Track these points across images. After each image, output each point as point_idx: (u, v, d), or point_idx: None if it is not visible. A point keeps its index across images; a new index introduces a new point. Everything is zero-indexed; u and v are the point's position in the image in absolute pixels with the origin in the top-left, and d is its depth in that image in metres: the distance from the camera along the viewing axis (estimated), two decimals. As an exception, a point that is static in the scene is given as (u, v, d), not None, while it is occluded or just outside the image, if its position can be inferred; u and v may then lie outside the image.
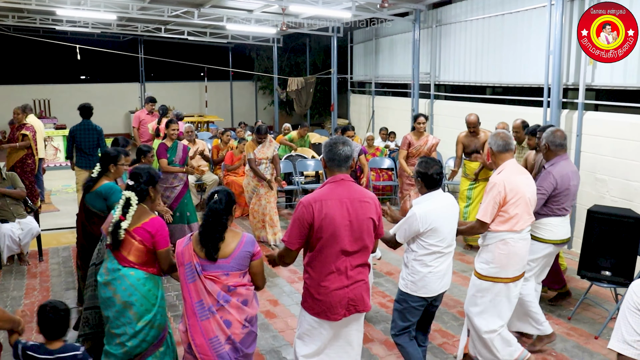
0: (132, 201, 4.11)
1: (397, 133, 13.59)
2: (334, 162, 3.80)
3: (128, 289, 4.04)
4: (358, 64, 17.86)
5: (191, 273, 3.70)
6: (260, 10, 14.64)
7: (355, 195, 3.78)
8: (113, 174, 5.38)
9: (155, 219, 4.17)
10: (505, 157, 4.78)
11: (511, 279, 4.69)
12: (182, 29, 18.48)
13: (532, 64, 9.83)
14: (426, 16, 13.17)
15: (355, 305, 3.84)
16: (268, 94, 23.17)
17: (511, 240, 4.62)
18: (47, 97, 20.61)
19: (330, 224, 3.66)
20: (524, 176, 4.78)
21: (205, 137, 14.31)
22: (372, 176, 11.13)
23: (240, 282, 3.74)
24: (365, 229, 3.78)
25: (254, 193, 8.87)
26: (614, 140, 7.96)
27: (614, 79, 8.21)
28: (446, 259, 4.41)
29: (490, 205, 4.60)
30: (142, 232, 4.07)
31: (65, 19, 17.05)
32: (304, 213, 3.69)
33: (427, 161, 4.44)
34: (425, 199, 4.38)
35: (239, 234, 3.79)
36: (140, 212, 4.14)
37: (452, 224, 4.41)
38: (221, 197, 3.73)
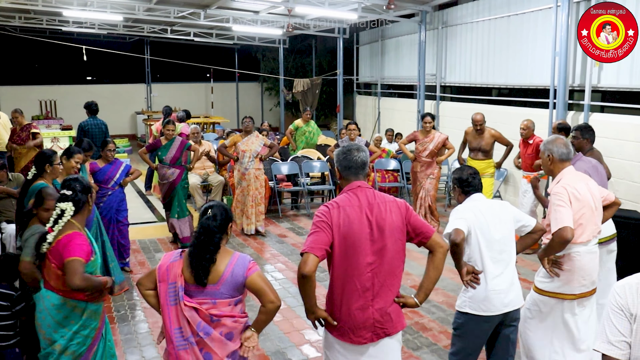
0: (67, 212, 3.71)
1: (404, 134, 13.57)
2: (350, 171, 3.43)
3: (43, 311, 3.70)
4: (364, 65, 17.86)
5: (174, 295, 3.23)
6: (267, 11, 14.66)
7: (375, 200, 3.36)
8: (49, 174, 5.19)
9: (74, 234, 3.69)
10: (564, 166, 4.32)
11: (577, 295, 4.23)
12: (188, 30, 18.51)
13: (538, 66, 9.81)
14: (432, 17, 13.16)
15: (383, 328, 3.33)
16: (274, 95, 23.17)
17: (576, 255, 4.17)
18: (53, 98, 20.68)
19: (348, 233, 3.25)
20: (587, 182, 4.34)
21: (211, 138, 14.31)
22: (377, 177, 11.12)
23: (227, 313, 3.25)
24: (388, 237, 3.30)
25: (239, 185, 9.22)
26: (619, 142, 7.94)
27: (620, 80, 8.20)
28: (505, 269, 3.91)
29: (564, 210, 4.05)
30: (54, 252, 3.64)
31: (71, 20, 17.10)
32: (321, 220, 3.28)
33: (461, 167, 4.21)
34: (464, 203, 4.07)
35: (229, 253, 3.29)
36: (65, 227, 3.71)
37: (502, 226, 3.93)
38: (215, 213, 3.26)
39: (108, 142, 7.45)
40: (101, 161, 7.39)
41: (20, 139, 10.23)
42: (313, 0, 12.14)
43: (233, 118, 22.93)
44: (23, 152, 10.20)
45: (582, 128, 6.35)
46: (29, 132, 10.32)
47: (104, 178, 7.32)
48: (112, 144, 7.46)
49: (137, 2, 13.91)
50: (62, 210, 3.70)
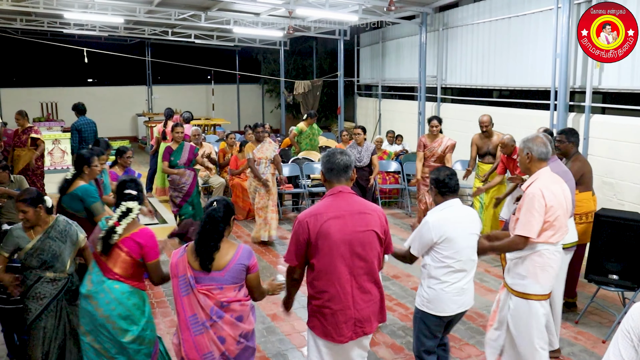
0: (134, 211, 4.05)
1: (404, 136, 13.58)
2: (332, 173, 3.58)
3: (112, 302, 3.92)
4: (365, 67, 17.87)
5: (185, 286, 3.55)
6: (267, 13, 14.68)
7: (355, 208, 3.54)
8: (87, 175, 5.43)
9: (144, 230, 4.06)
10: (542, 165, 4.36)
11: (547, 295, 4.34)
12: (189, 32, 18.53)
13: (538, 67, 9.81)
14: (433, 19, 13.16)
15: (362, 327, 3.58)
16: (275, 97, 23.19)
17: (546, 252, 4.25)
18: (54, 100, 20.65)
19: (326, 239, 3.44)
20: (561, 185, 4.39)
21: (212, 140, 14.33)
22: (378, 179, 11.11)
23: (234, 298, 3.58)
24: (367, 243, 3.51)
25: (256, 193, 8.94)
26: (621, 144, 7.93)
27: (621, 81, 8.19)
28: (465, 276, 4.15)
29: (534, 219, 4.15)
30: (130, 242, 3.96)
31: (72, 22, 17.11)
32: (298, 229, 3.52)
33: (439, 168, 4.28)
34: (439, 208, 4.18)
35: (234, 246, 3.63)
36: (132, 222, 4.05)
37: (470, 237, 4.17)
38: (220, 206, 3.59)
39: (126, 149, 7.48)
40: (118, 169, 7.40)
41: (20, 142, 10.24)
42: (314, 2, 12.15)
43: (234, 120, 22.95)
44: (22, 154, 10.21)
45: (567, 132, 6.31)
46: (29, 135, 10.33)
47: None
48: (130, 151, 7.52)
49: (138, 4, 13.93)
50: (128, 208, 4.04)
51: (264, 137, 8.96)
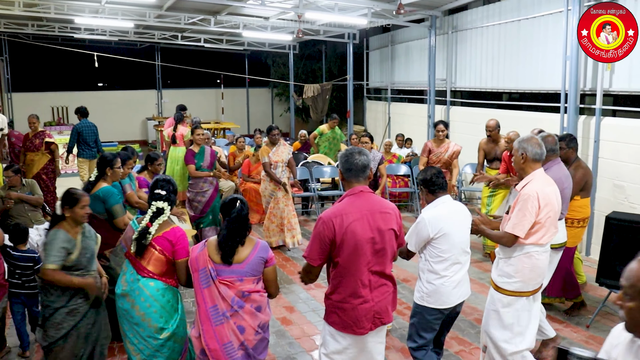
0: (166, 211, 4.15)
1: (414, 139, 13.57)
2: (351, 173, 3.68)
3: (147, 299, 4.01)
4: (374, 70, 17.87)
5: (205, 278, 3.73)
6: (277, 17, 14.71)
7: (376, 207, 3.68)
8: (110, 177, 5.50)
9: (176, 229, 4.16)
10: (536, 167, 4.40)
11: (532, 292, 4.43)
12: (199, 36, 18.59)
13: (548, 70, 9.78)
14: (442, 22, 13.16)
15: (380, 318, 3.75)
16: (284, 101, 23.23)
17: (535, 253, 4.34)
18: (65, 104, 20.83)
19: (352, 238, 3.55)
20: (553, 187, 4.45)
21: (222, 144, 14.36)
22: (388, 183, 11.10)
23: (254, 289, 3.76)
24: (387, 241, 3.68)
25: (272, 197, 8.83)
26: (632, 146, 7.89)
27: (632, 84, 8.15)
28: (461, 268, 4.34)
29: (526, 219, 4.23)
30: (162, 241, 4.06)
31: (83, 27, 17.23)
32: (324, 229, 3.58)
33: (427, 168, 4.47)
34: (433, 205, 4.35)
35: (253, 240, 3.84)
36: (164, 222, 4.15)
37: (464, 230, 4.36)
38: (242, 204, 3.81)
39: (158, 156, 7.51)
40: (148, 175, 7.40)
41: (34, 146, 10.29)
42: (323, 6, 12.17)
43: (243, 124, 22.99)
44: (36, 158, 10.26)
45: (567, 138, 6.29)
46: (43, 139, 10.38)
47: None
48: (160, 158, 7.53)
49: (148, 9, 14.00)
50: (158, 208, 4.14)
51: (278, 139, 8.86)
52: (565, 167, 5.60)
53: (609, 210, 7.27)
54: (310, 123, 21.93)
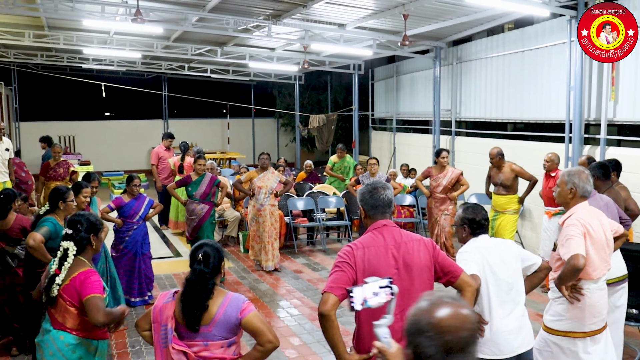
0: (70, 252, 3.66)
1: (419, 169, 13.55)
2: (377, 210, 3.33)
3: (55, 354, 3.60)
4: (379, 100, 17.96)
5: (165, 337, 3.18)
6: (283, 48, 14.87)
7: (401, 239, 3.27)
8: (63, 211, 5.15)
9: (88, 272, 3.65)
10: (582, 201, 4.19)
11: (588, 333, 4.09)
12: (205, 66, 18.77)
13: (553, 100, 9.82)
14: (446, 53, 13.25)
15: None
16: (290, 131, 23.32)
17: (587, 291, 4.02)
18: (72, 134, 20.97)
19: (374, 272, 3.06)
20: (600, 218, 4.19)
21: (227, 174, 14.40)
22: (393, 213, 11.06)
23: (219, 355, 3.17)
24: (415, 277, 3.20)
25: (254, 221, 9.12)
26: (637, 176, 7.87)
27: (636, 114, 8.17)
28: (513, 310, 3.76)
29: (578, 239, 3.91)
30: (70, 290, 3.59)
31: (91, 57, 17.44)
32: (344, 256, 3.18)
33: (474, 207, 3.98)
34: (469, 244, 3.90)
35: (222, 294, 3.23)
36: (75, 265, 3.66)
37: (509, 264, 3.79)
38: (207, 256, 3.22)
39: (134, 177, 7.53)
40: (126, 196, 7.47)
41: (58, 175, 10.27)
42: (328, 38, 12.29)
43: (249, 154, 23.08)
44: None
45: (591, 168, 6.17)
46: (68, 168, 10.41)
47: (130, 213, 7.40)
48: (137, 179, 7.55)
49: (155, 40, 14.19)
50: (65, 249, 3.68)
51: (267, 165, 9.18)
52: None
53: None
54: (316, 153, 22.00)
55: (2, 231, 5.67)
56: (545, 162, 7.86)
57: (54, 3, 9.87)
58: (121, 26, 11.88)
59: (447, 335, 1.74)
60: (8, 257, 5.71)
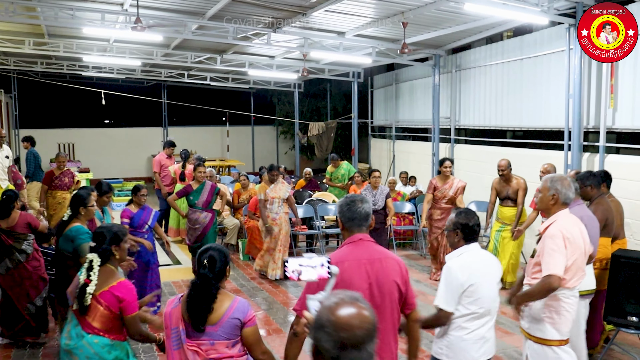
0: (94, 264, 3.87)
1: (418, 177, 13.57)
2: (354, 222, 3.37)
3: (92, 357, 3.77)
4: (378, 108, 17.98)
5: (177, 339, 3.33)
6: (282, 56, 14.91)
7: (376, 256, 3.31)
8: (84, 216, 5.38)
9: (124, 283, 3.92)
10: (563, 208, 4.23)
11: (559, 342, 4.16)
12: (205, 74, 18.80)
13: (552, 108, 9.84)
14: (446, 61, 13.28)
15: None
16: (289, 139, 23.34)
17: (563, 296, 4.09)
18: (71, 141, 20.96)
19: (348, 288, 2.90)
20: (580, 227, 4.24)
21: (226, 182, 14.41)
22: (393, 221, 11.05)
23: (226, 354, 3.32)
24: (387, 294, 3.25)
25: (269, 233, 9.05)
26: (636, 183, 7.88)
27: (635, 121, 8.18)
28: (486, 323, 3.84)
29: (560, 256, 3.96)
30: (109, 296, 3.81)
31: (91, 65, 17.48)
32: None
33: (467, 212, 3.96)
34: (458, 252, 3.90)
35: (229, 298, 3.39)
36: (106, 274, 3.89)
37: (491, 282, 3.85)
38: (213, 262, 3.36)
39: (141, 187, 7.55)
40: (134, 206, 7.45)
41: (64, 184, 10.19)
42: (328, 45, 12.32)
43: (248, 161, 23.08)
44: (67, 196, 9.86)
45: (584, 176, 6.09)
46: (73, 178, 10.35)
47: (139, 223, 7.38)
48: (144, 189, 7.58)
49: (155, 48, 14.22)
50: (90, 260, 3.89)
51: (277, 179, 9.09)
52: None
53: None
54: (315, 161, 22.00)
55: (9, 228, 6.20)
56: (542, 172, 7.66)
57: (54, 11, 9.90)
58: (121, 34, 11.92)
59: (343, 333, 1.87)
60: (17, 253, 6.17)
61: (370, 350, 1.91)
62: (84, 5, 10.05)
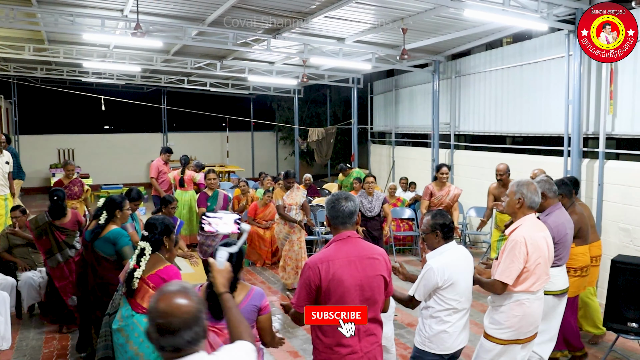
0: (146, 251, 4.15)
1: (418, 183, 13.57)
2: (338, 220, 3.55)
3: (140, 334, 4.00)
4: (378, 114, 17.99)
5: None
6: (282, 62, 14.93)
7: (364, 253, 3.51)
8: (119, 219, 5.57)
9: (170, 267, 4.18)
10: (529, 213, 4.36)
11: (523, 340, 4.33)
12: (205, 80, 18.83)
13: (551, 114, 9.84)
14: (445, 67, 13.30)
15: None
16: (289, 144, 23.36)
17: (527, 301, 4.25)
18: (71, 147, 20.98)
19: (339, 285, 3.38)
20: (544, 233, 4.39)
21: (226, 187, 14.40)
22: (392, 226, 11.06)
23: None
24: (375, 287, 3.50)
25: (287, 240, 8.90)
26: (636, 189, 7.88)
27: (634, 127, 8.18)
28: (464, 315, 4.16)
29: (514, 265, 4.17)
30: (156, 279, 4.08)
31: (91, 70, 17.51)
32: (310, 275, 3.41)
33: (441, 212, 4.23)
34: (439, 251, 4.14)
35: (247, 287, 3.68)
36: (155, 260, 4.16)
37: (468, 277, 4.17)
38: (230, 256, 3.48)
39: (171, 200, 7.75)
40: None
41: (74, 193, 10.16)
42: (327, 51, 12.34)
43: (248, 167, 23.10)
44: (78, 205, 9.95)
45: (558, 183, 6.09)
46: (82, 187, 10.34)
47: None
48: (175, 201, 7.83)
49: (155, 54, 14.24)
50: (141, 248, 4.17)
51: (293, 184, 9.00)
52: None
53: (614, 254, 7.21)
54: (315, 167, 22.03)
55: (62, 225, 6.74)
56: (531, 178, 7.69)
57: (54, 17, 9.93)
58: (121, 40, 11.94)
59: (159, 319, 2.12)
60: (67, 249, 6.70)
61: (187, 337, 2.13)
62: (84, 11, 10.07)
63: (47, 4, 9.88)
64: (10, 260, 7.55)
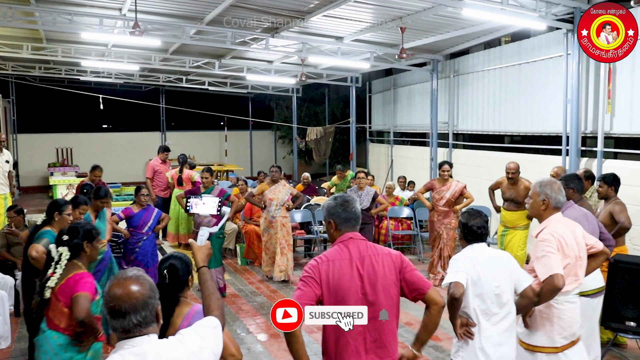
0: (63, 257, 3.83)
1: (416, 182, 13.57)
2: (349, 223, 3.31)
3: (48, 352, 3.73)
4: (376, 113, 17.99)
5: None
6: (280, 61, 14.92)
7: (366, 253, 3.24)
8: (57, 223, 5.01)
9: (83, 274, 3.83)
10: (555, 213, 4.14)
11: (559, 348, 4.03)
12: (203, 79, 18.81)
13: (550, 113, 9.85)
14: (444, 66, 13.31)
15: None
16: (287, 143, 23.35)
17: (555, 303, 3.97)
18: (69, 146, 20.95)
19: (338, 286, 3.14)
20: (574, 229, 4.13)
21: (224, 186, 14.39)
22: (391, 225, 11.06)
23: None
24: (381, 290, 3.18)
25: (266, 232, 9.24)
26: (634, 188, 7.89)
27: (632, 127, 8.19)
28: (501, 322, 3.76)
29: (554, 255, 3.86)
30: (64, 289, 3.74)
31: (89, 69, 17.49)
32: (309, 276, 3.17)
33: (470, 212, 3.97)
34: (463, 251, 3.90)
35: (187, 305, 3.27)
36: (69, 268, 3.83)
37: (502, 277, 3.76)
38: (173, 272, 3.28)
39: (141, 187, 7.65)
40: (135, 206, 7.50)
41: None
42: (326, 50, 12.33)
43: (247, 166, 23.07)
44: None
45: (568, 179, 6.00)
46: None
47: (138, 223, 7.41)
48: (144, 189, 7.67)
49: (153, 53, 14.23)
50: (60, 254, 3.87)
51: (277, 178, 9.17)
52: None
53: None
54: (314, 166, 22.01)
55: None
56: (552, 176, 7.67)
57: (52, 16, 9.91)
58: (119, 39, 11.93)
59: (110, 303, 2.28)
60: None
61: (135, 320, 2.26)
62: (82, 10, 10.05)
63: (46, 3, 9.87)
64: (8, 259, 7.55)
